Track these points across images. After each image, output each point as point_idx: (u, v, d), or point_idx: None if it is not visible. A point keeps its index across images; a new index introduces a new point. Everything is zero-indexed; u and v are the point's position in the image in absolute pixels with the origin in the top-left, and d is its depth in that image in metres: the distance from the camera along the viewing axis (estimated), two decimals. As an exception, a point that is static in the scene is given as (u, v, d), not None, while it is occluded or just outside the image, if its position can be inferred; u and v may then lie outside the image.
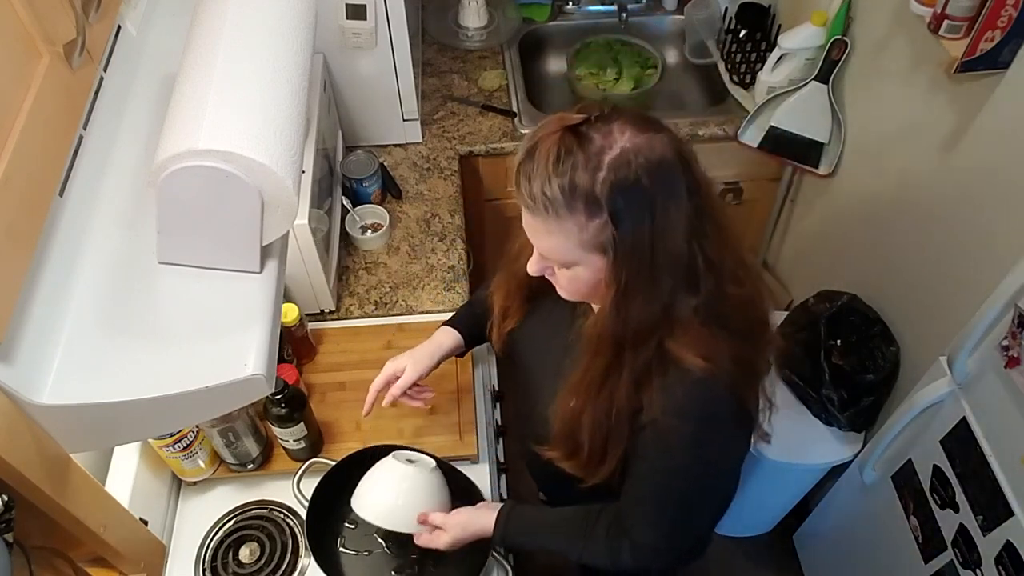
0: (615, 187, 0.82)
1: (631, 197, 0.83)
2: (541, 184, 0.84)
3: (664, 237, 0.85)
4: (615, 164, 0.82)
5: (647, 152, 0.83)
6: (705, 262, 0.89)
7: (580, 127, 0.84)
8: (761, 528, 2.25)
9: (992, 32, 1.24)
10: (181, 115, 0.75)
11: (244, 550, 1.32)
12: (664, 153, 0.84)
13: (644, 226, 0.84)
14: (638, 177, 0.82)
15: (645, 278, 0.87)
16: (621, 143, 0.83)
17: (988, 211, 1.38)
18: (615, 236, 0.84)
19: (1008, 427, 1.21)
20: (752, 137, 1.94)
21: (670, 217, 0.84)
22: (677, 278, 0.88)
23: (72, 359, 0.73)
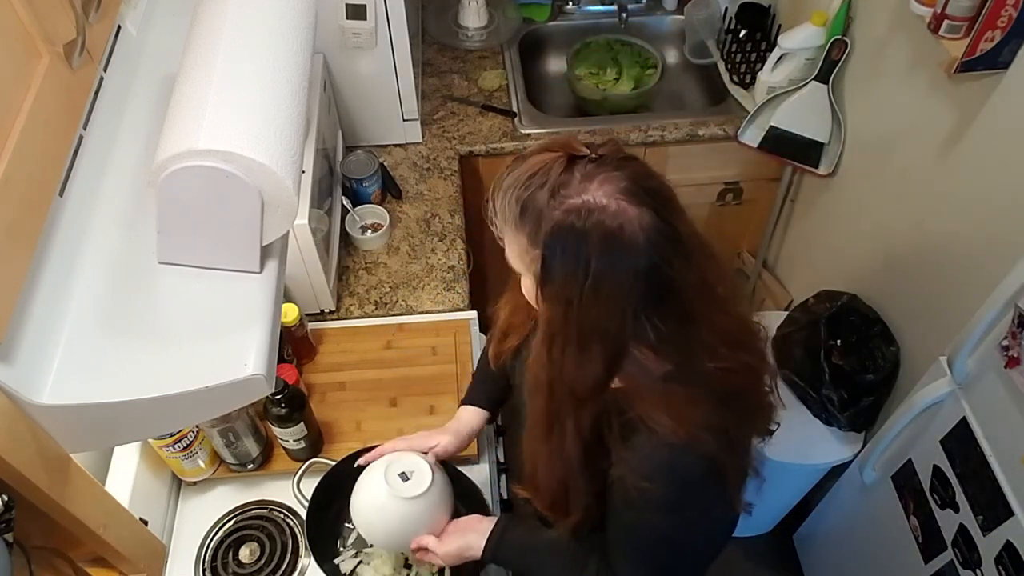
0: (556, 231, 0.79)
1: (568, 249, 0.79)
2: (508, 189, 0.84)
3: (595, 304, 0.81)
4: (570, 210, 0.79)
5: (608, 217, 0.78)
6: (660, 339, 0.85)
7: (577, 159, 0.82)
8: (761, 528, 2.25)
9: (992, 32, 1.24)
10: (181, 115, 0.75)
11: (244, 550, 1.32)
12: (626, 227, 0.79)
13: (573, 283, 0.80)
14: (584, 234, 0.78)
15: (572, 333, 0.84)
16: (590, 195, 0.79)
17: (988, 211, 1.38)
18: (542, 276, 0.82)
19: (1008, 427, 1.21)
20: (752, 137, 1.94)
21: (604, 288, 0.80)
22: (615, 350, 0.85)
23: (72, 359, 0.73)
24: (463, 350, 1.53)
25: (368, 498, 1.13)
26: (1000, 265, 1.24)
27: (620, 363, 0.86)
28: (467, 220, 1.82)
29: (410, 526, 1.12)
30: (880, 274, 1.75)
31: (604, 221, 0.78)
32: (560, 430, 0.92)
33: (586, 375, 0.86)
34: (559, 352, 0.86)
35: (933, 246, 1.55)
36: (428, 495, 1.11)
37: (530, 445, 0.99)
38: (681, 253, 0.83)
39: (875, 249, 1.77)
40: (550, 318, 0.85)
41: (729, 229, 2.30)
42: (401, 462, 1.14)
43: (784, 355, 1.83)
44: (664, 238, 0.81)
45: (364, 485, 1.14)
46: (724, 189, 2.17)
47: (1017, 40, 1.24)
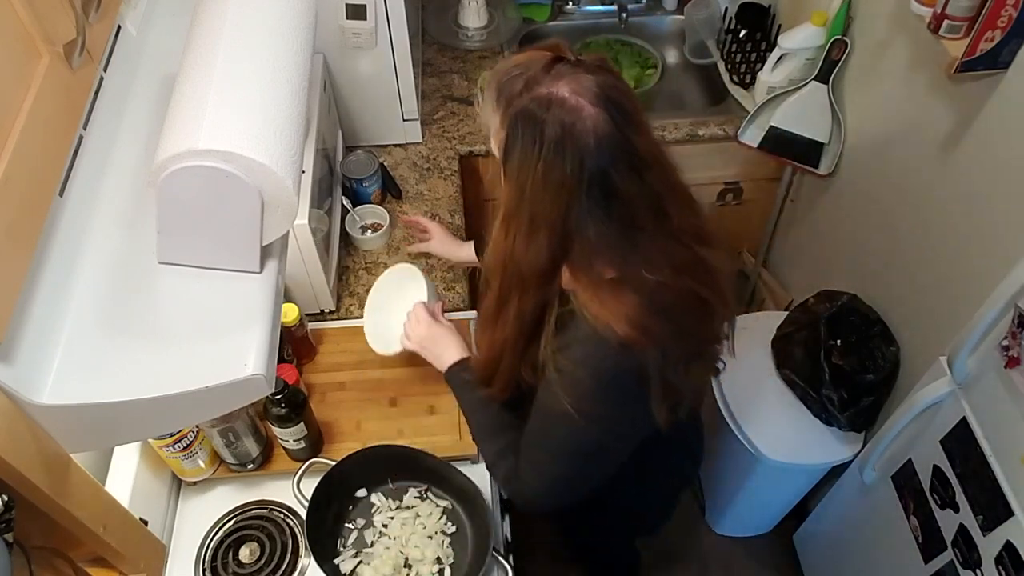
0: (520, 115, 0.87)
1: (526, 133, 0.87)
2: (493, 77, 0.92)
3: (544, 190, 0.88)
4: (536, 99, 0.86)
5: (566, 112, 0.85)
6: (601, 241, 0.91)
7: (560, 60, 0.89)
8: (761, 528, 2.25)
9: (992, 32, 1.24)
10: (181, 115, 0.75)
11: (244, 550, 1.32)
12: (579, 125, 0.85)
13: (527, 167, 0.88)
14: (542, 123, 0.86)
15: (524, 215, 0.91)
16: (559, 88, 0.86)
17: (988, 211, 1.38)
18: (504, 155, 0.91)
19: (1008, 427, 1.21)
20: (752, 137, 1.94)
21: (553, 177, 0.87)
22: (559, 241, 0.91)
23: (72, 359, 0.73)
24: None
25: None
26: (1000, 265, 1.24)
27: (564, 255, 0.93)
28: (467, 220, 1.82)
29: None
30: (880, 274, 1.75)
31: (560, 114, 0.86)
32: (505, 310, 1.00)
33: (532, 260, 0.93)
34: (512, 235, 0.93)
35: (933, 246, 1.55)
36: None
37: (481, 319, 1.09)
38: (632, 166, 0.89)
39: (875, 249, 1.77)
40: (507, 199, 0.93)
41: (729, 229, 2.30)
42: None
43: (784, 355, 1.83)
44: (615, 145, 0.87)
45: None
46: (724, 189, 2.17)
47: (1017, 40, 1.24)
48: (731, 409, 1.85)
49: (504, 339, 1.03)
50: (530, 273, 0.95)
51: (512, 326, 1.01)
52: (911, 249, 1.63)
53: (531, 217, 0.91)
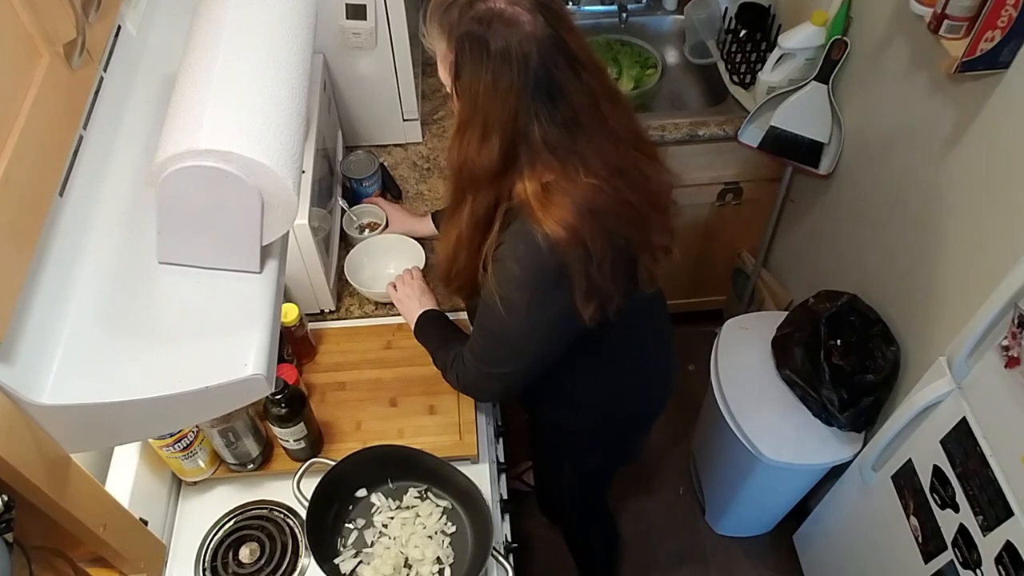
0: (465, 34, 0.96)
1: (472, 48, 0.96)
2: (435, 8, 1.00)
3: (494, 96, 0.97)
4: (476, 16, 0.96)
5: (508, 22, 0.95)
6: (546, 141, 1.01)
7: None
8: (761, 528, 2.25)
9: (992, 32, 1.24)
10: (181, 115, 0.75)
11: (244, 550, 1.32)
12: (518, 30, 0.95)
13: (477, 78, 0.97)
14: (484, 37, 0.95)
15: (477, 123, 1.00)
16: (496, 2, 0.96)
17: (988, 211, 1.38)
18: (455, 73, 1.00)
19: (1008, 427, 1.21)
20: (752, 137, 1.94)
21: (502, 83, 0.96)
22: (510, 141, 1.01)
23: (72, 359, 0.73)
24: (463, 350, 1.53)
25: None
26: (1000, 265, 1.24)
27: (515, 156, 1.03)
28: (467, 220, 1.82)
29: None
30: (880, 274, 1.75)
31: (501, 27, 0.95)
32: (461, 209, 1.11)
33: (484, 162, 1.03)
34: (467, 141, 1.03)
35: (933, 246, 1.55)
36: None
37: (443, 224, 1.21)
38: (569, 63, 0.99)
39: (875, 249, 1.77)
40: (461, 111, 1.03)
41: (729, 229, 2.30)
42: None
43: (784, 355, 1.83)
44: (553, 46, 0.97)
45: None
46: (724, 189, 2.17)
47: (1017, 40, 1.24)
48: (731, 409, 1.85)
49: (459, 235, 1.13)
50: (483, 174, 1.04)
51: (467, 223, 1.11)
52: (911, 249, 1.63)
53: (484, 123, 1.00)
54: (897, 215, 1.67)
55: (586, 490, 1.77)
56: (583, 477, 1.68)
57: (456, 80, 1.02)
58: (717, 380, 1.90)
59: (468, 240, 1.13)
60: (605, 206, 1.05)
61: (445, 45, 1.01)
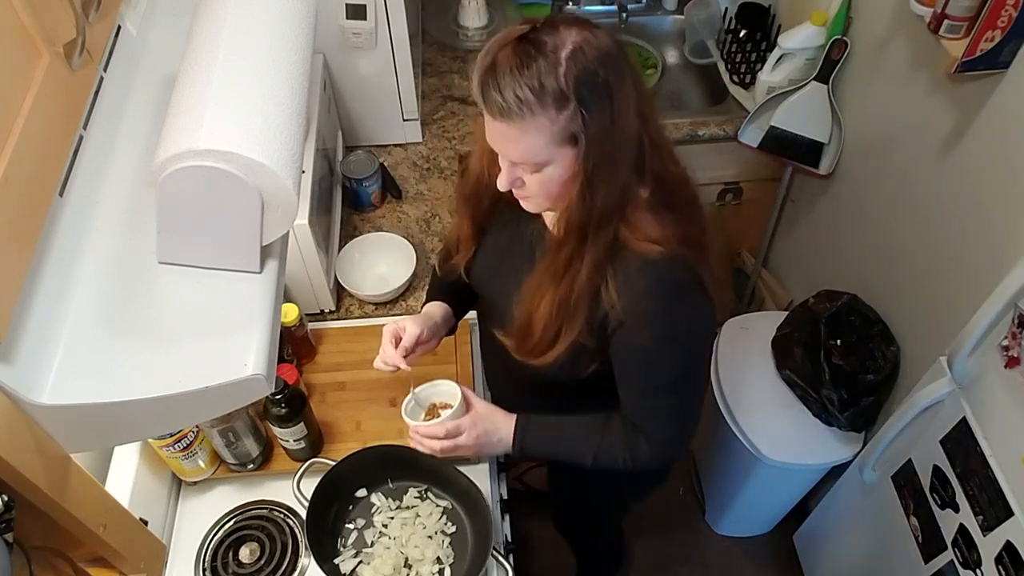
0: (578, 79, 0.90)
1: (592, 85, 0.91)
2: (513, 90, 0.90)
3: (620, 119, 0.94)
4: (572, 58, 0.90)
5: (596, 44, 0.91)
6: (650, 142, 0.99)
7: (530, 35, 0.92)
8: (761, 528, 2.25)
9: (992, 32, 1.24)
10: (181, 115, 0.75)
11: (244, 550, 1.32)
12: (608, 44, 0.93)
13: (605, 111, 0.92)
14: (595, 68, 0.91)
15: (608, 161, 0.95)
16: (571, 40, 0.91)
17: (988, 211, 1.38)
18: (584, 122, 0.92)
19: (1008, 427, 1.21)
20: (752, 137, 1.94)
21: (623, 100, 0.94)
22: (633, 157, 0.98)
23: (72, 359, 0.73)
24: (463, 350, 1.53)
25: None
26: (1000, 265, 1.24)
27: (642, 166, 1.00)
28: (467, 220, 1.82)
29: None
30: (880, 274, 1.75)
31: (597, 47, 0.92)
32: (576, 269, 1.03)
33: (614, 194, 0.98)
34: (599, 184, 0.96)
35: (933, 246, 1.55)
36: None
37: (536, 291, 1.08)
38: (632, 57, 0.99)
39: (875, 249, 1.77)
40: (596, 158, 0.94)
41: (729, 229, 2.30)
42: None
43: (784, 355, 1.83)
44: (622, 42, 0.96)
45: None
46: (724, 189, 2.17)
47: (1017, 40, 1.24)
48: (731, 409, 1.85)
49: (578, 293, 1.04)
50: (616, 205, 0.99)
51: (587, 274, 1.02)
52: (911, 249, 1.63)
53: (615, 156, 0.96)
54: (897, 215, 1.67)
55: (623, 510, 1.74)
56: (628, 501, 1.64)
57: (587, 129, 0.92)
58: (717, 380, 1.90)
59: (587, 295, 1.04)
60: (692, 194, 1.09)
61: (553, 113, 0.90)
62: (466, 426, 1.17)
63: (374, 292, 1.60)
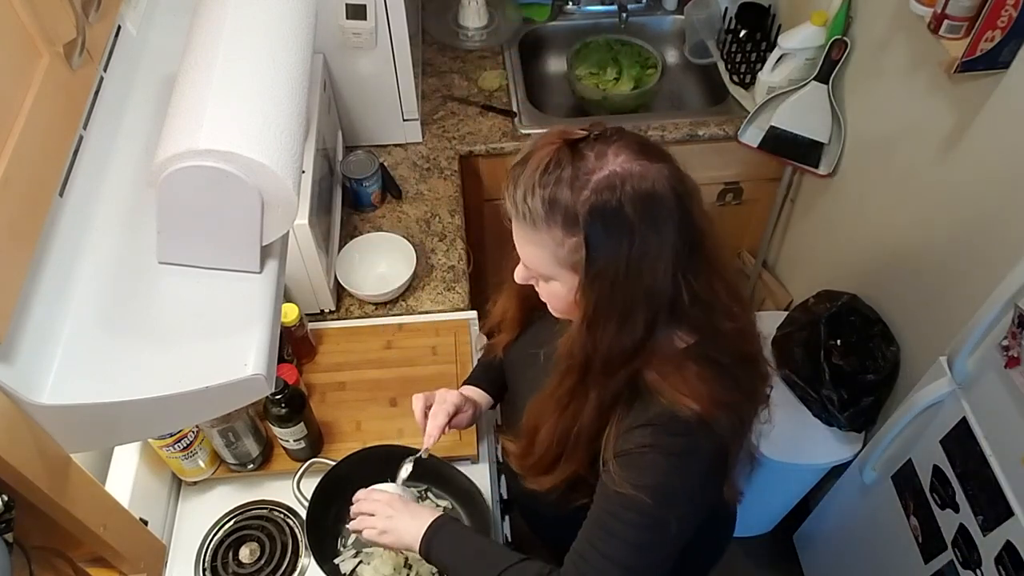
0: (595, 209, 0.80)
1: (610, 223, 0.80)
2: (525, 192, 0.83)
3: (641, 269, 0.82)
4: (600, 186, 0.80)
5: (637, 180, 0.80)
6: (692, 298, 0.86)
7: (579, 142, 0.83)
8: (761, 528, 2.25)
9: (992, 32, 1.24)
10: (181, 115, 0.75)
11: (244, 550, 1.32)
12: (656, 185, 0.81)
13: (620, 255, 0.81)
14: (621, 204, 0.80)
15: (616, 307, 0.85)
16: (612, 166, 0.81)
17: (988, 211, 1.38)
18: (587, 259, 0.82)
19: (1008, 427, 1.21)
20: (752, 137, 1.94)
21: (650, 250, 0.81)
22: (656, 311, 0.85)
23: (72, 359, 0.73)
24: (463, 350, 1.53)
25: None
26: (1000, 265, 1.24)
27: (655, 328, 0.87)
28: (467, 220, 1.82)
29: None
30: (880, 274, 1.75)
31: (636, 185, 0.80)
32: (579, 405, 0.93)
33: (626, 344, 0.86)
34: (602, 329, 0.86)
35: (933, 246, 1.55)
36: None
37: (541, 412, 0.99)
38: (696, 200, 0.86)
39: (875, 249, 1.77)
40: (597, 298, 0.84)
41: (729, 229, 2.30)
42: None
43: (784, 355, 1.83)
44: (685, 186, 0.84)
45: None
46: (724, 189, 2.17)
47: (1017, 40, 1.24)
48: (731, 409, 1.85)
49: (577, 430, 0.95)
50: (621, 359, 0.88)
51: (590, 416, 0.93)
52: (911, 249, 1.63)
53: (625, 303, 0.84)
54: (897, 215, 1.67)
55: None
56: None
57: (588, 266, 0.83)
58: (717, 380, 1.90)
59: (588, 431, 0.94)
60: (752, 352, 0.93)
61: (561, 232, 0.82)
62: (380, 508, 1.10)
63: (374, 292, 1.60)
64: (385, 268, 1.66)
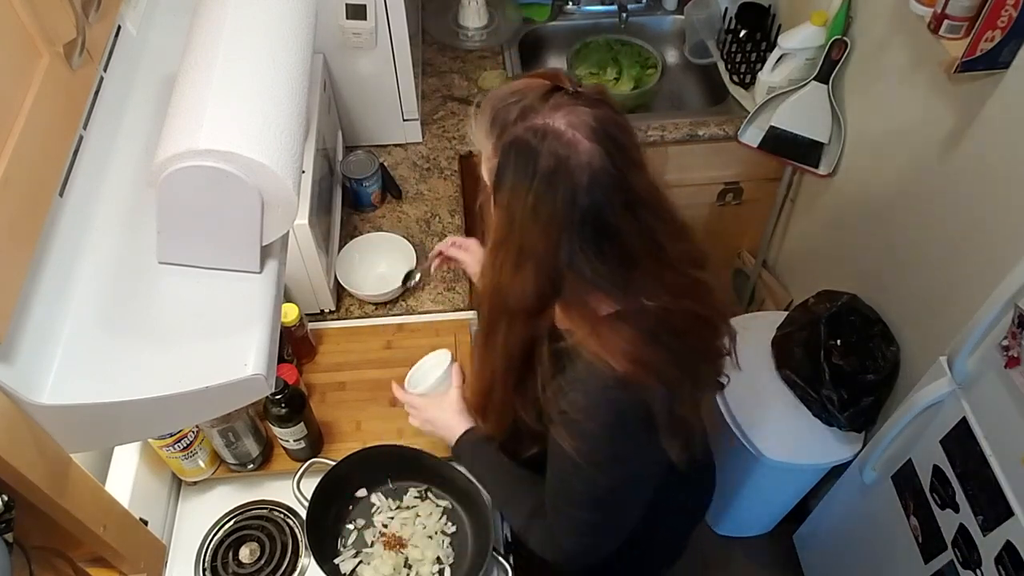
0: (515, 143, 0.85)
1: (520, 163, 0.85)
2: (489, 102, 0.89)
3: (535, 222, 0.85)
4: (533, 128, 0.84)
5: (564, 145, 0.83)
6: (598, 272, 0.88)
7: (558, 90, 0.87)
8: (761, 528, 2.25)
9: (992, 32, 1.24)
10: (181, 115, 0.75)
11: (244, 550, 1.32)
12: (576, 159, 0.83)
13: (517, 196, 0.86)
14: (536, 153, 0.83)
15: (513, 245, 0.88)
16: (557, 121, 0.84)
17: (988, 211, 1.38)
18: (494, 184, 0.89)
19: (1008, 427, 1.21)
20: (752, 137, 1.94)
21: (542, 210, 0.85)
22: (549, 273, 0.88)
23: (72, 359, 0.73)
24: (463, 350, 1.53)
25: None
26: (1000, 265, 1.24)
27: (555, 291, 0.90)
28: (467, 220, 1.82)
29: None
30: (880, 274, 1.75)
31: (555, 147, 0.83)
32: (493, 340, 0.98)
33: (519, 293, 0.90)
34: (499, 264, 0.91)
35: (933, 246, 1.55)
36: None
37: (476, 350, 1.06)
38: (626, 203, 0.87)
39: (875, 249, 1.77)
40: (497, 226, 0.90)
41: (729, 229, 2.30)
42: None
43: (784, 355, 1.83)
44: (610, 182, 0.85)
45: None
46: (724, 189, 2.17)
47: (1017, 40, 1.24)
48: (731, 409, 1.85)
49: (492, 371, 1.01)
50: (517, 307, 0.92)
51: (500, 359, 0.98)
52: (911, 249, 1.63)
53: (519, 248, 0.88)
54: (897, 215, 1.67)
55: None
56: None
57: (495, 190, 0.89)
58: (717, 380, 1.90)
59: (503, 378, 1.00)
60: (679, 327, 0.94)
61: (491, 146, 0.89)
62: (420, 406, 1.23)
63: (374, 292, 1.60)
64: (385, 268, 1.66)
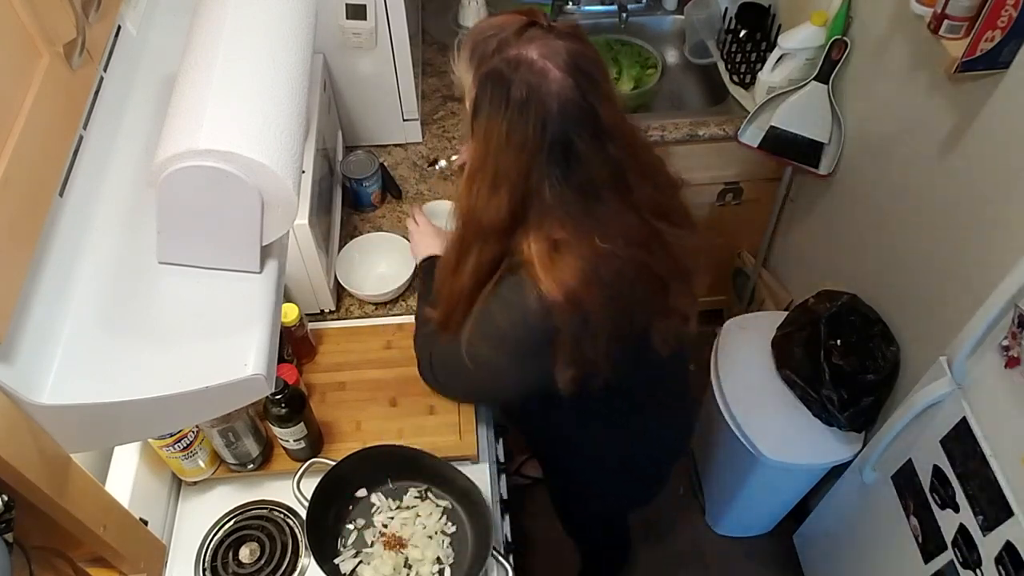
0: (491, 73, 0.91)
1: (494, 91, 0.91)
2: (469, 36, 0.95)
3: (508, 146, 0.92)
4: (508, 59, 0.90)
5: (536, 75, 0.89)
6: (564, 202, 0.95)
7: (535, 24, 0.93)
8: (761, 528, 2.25)
9: (992, 32, 1.24)
10: (181, 115, 0.75)
11: (244, 550, 1.32)
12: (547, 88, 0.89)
13: (493, 123, 0.92)
14: (510, 82, 0.90)
15: (489, 170, 0.95)
16: (531, 52, 0.90)
17: (988, 211, 1.38)
18: (472, 112, 0.96)
19: (1008, 427, 1.21)
20: (752, 137, 1.94)
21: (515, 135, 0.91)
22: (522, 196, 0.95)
23: (72, 359, 0.73)
24: (463, 350, 1.53)
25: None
26: (1000, 265, 1.24)
27: (524, 213, 0.98)
28: (467, 220, 1.82)
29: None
30: (880, 274, 1.75)
31: (527, 76, 0.89)
32: (465, 260, 1.05)
33: (493, 214, 0.98)
34: (476, 189, 0.98)
35: (933, 246, 1.55)
36: None
37: (442, 266, 1.14)
38: (595, 134, 0.94)
39: (875, 249, 1.77)
40: (473, 155, 0.98)
41: (729, 229, 2.30)
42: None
43: (784, 355, 1.83)
44: (579, 112, 0.91)
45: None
46: (724, 189, 2.17)
47: (1017, 40, 1.24)
48: (731, 409, 1.85)
49: (462, 288, 1.07)
50: (490, 227, 0.99)
51: (470, 276, 1.05)
52: (911, 249, 1.63)
53: (494, 174, 0.95)
54: (897, 215, 1.67)
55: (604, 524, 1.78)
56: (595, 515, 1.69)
57: (473, 119, 0.97)
58: (717, 380, 1.90)
59: (470, 294, 1.07)
60: (617, 275, 0.98)
61: (471, 78, 0.96)
62: (424, 228, 1.44)
63: (374, 292, 1.60)
64: (385, 268, 1.66)
